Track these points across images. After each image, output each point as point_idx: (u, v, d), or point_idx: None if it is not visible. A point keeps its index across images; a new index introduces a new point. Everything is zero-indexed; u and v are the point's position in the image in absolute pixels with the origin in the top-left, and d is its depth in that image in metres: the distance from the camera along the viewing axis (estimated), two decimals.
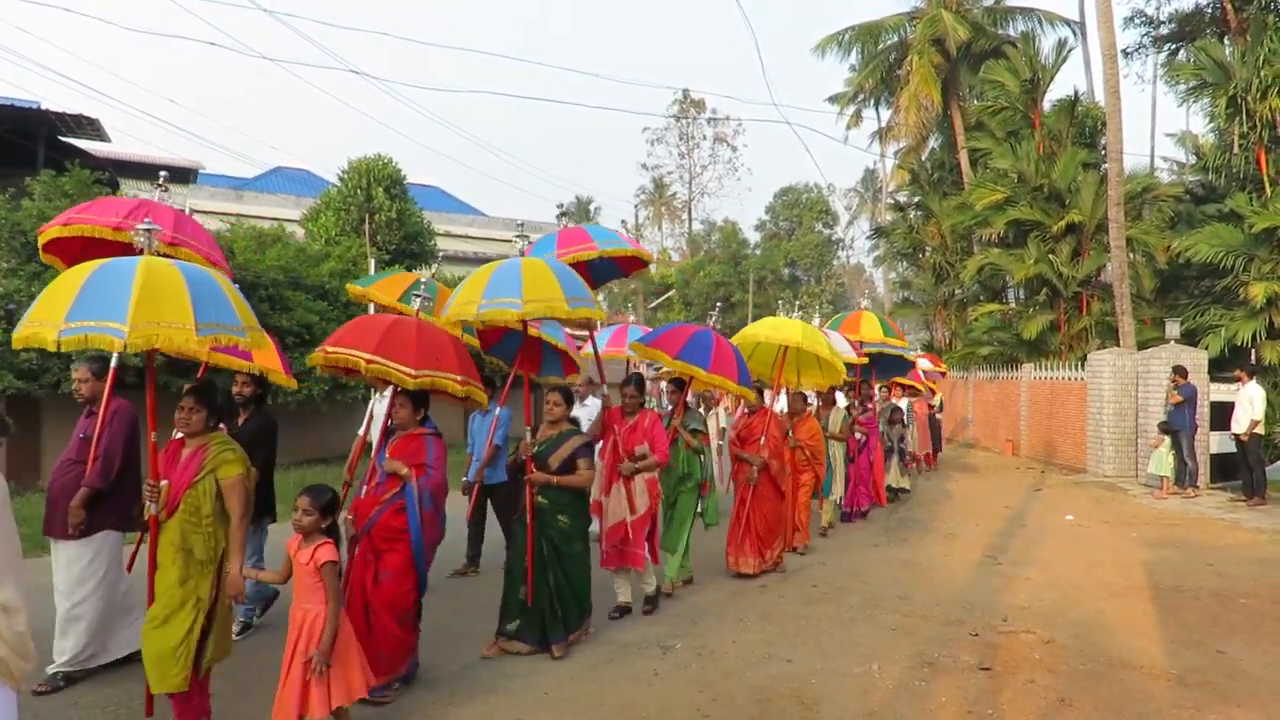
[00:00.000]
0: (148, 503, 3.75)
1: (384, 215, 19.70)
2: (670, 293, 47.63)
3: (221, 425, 4.19)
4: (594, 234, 6.03)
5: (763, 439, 7.27)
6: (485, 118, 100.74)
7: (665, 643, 5.41)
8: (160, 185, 5.15)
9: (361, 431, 6.67)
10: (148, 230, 3.65)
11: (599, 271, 6.58)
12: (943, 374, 19.58)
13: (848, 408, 10.07)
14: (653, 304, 46.71)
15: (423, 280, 5.76)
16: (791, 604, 6.40)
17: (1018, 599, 6.62)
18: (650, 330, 7.88)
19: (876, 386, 11.71)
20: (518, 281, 4.76)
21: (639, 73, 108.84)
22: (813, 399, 9.88)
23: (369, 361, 4.36)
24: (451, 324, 5.23)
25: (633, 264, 6.63)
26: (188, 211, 24.90)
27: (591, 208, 59.84)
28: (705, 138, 57.30)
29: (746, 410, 7.62)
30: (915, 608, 6.34)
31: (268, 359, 5.34)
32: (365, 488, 4.71)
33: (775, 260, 50.56)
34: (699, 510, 6.85)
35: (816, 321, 9.91)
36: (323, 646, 3.54)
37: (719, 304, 18.08)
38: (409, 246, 20.19)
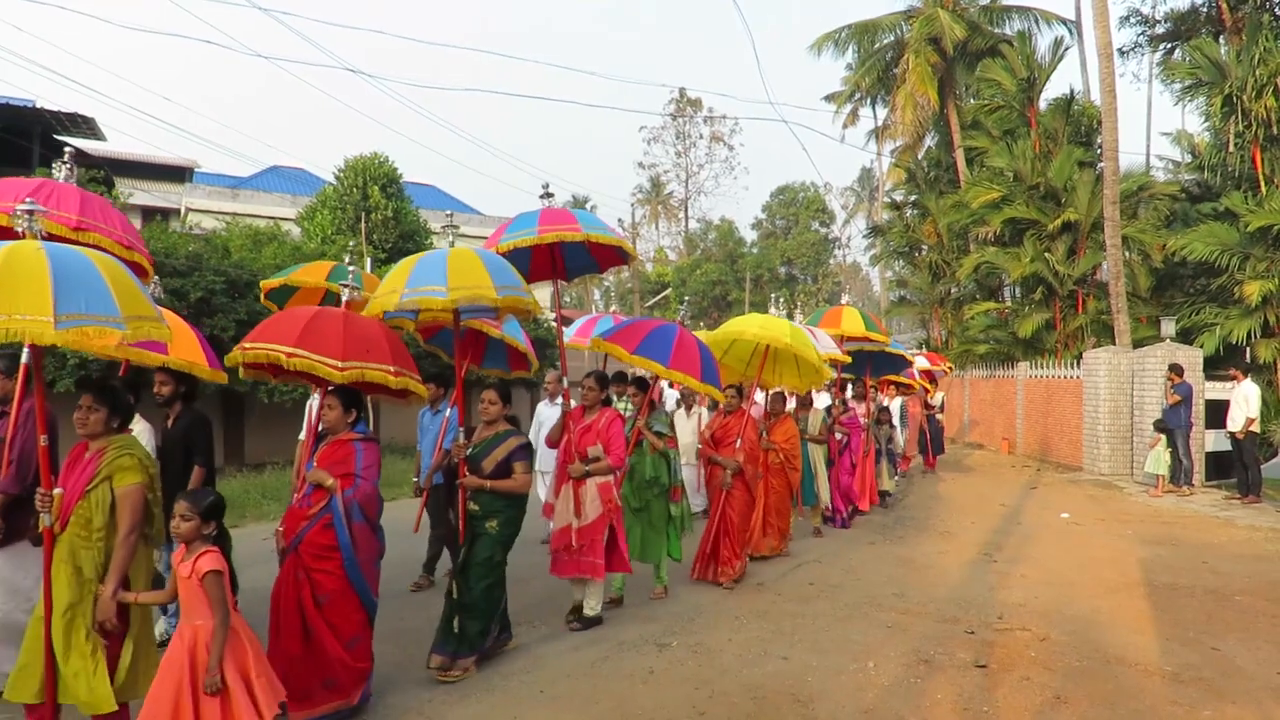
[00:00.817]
0: (41, 513, 3.43)
1: (380, 214, 19.69)
2: (667, 291, 47.66)
3: (128, 428, 3.86)
4: (580, 218, 5.59)
5: (738, 441, 6.97)
6: (482, 117, 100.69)
7: (661, 640, 5.41)
8: (65, 164, 4.58)
9: (303, 436, 6.26)
10: (28, 211, 3.25)
11: (572, 263, 6.32)
12: (945, 371, 18.64)
13: (828, 408, 9.71)
14: (649, 303, 46.72)
15: (350, 269, 5.45)
16: (788, 602, 6.41)
17: (1013, 596, 6.63)
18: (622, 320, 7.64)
19: (870, 385, 11.27)
20: (443, 269, 4.54)
21: (636, 72, 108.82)
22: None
23: (290, 355, 3.98)
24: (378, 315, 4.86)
25: (609, 258, 6.26)
26: (183, 211, 24.75)
27: (588, 206, 59.84)
28: (702, 136, 57.42)
29: (723, 411, 7.28)
30: (911, 605, 6.35)
31: (188, 351, 4.83)
32: (295, 497, 4.36)
33: (772, 259, 50.62)
34: (672, 516, 6.53)
35: (799, 319, 9.79)
36: (210, 664, 3.20)
37: (687, 300, 17.82)
38: (405, 245, 20.17)
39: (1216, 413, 13.04)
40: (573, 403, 6.00)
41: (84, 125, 17.52)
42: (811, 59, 49.26)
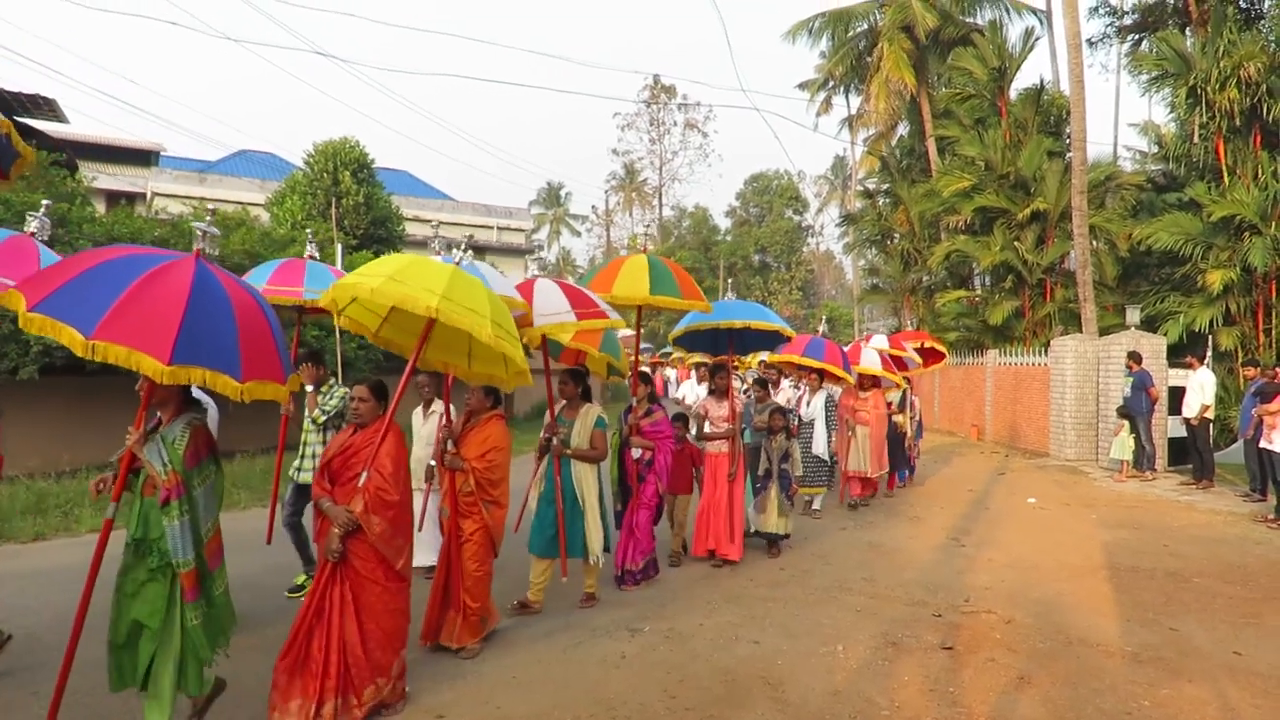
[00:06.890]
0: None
1: (351, 199, 19.48)
2: None
3: None
4: None
5: (365, 474, 3.95)
6: (454, 102, 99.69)
7: (634, 625, 5.44)
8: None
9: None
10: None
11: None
12: (918, 362, 12.24)
13: (628, 409, 6.66)
14: None
15: None
16: (759, 586, 6.47)
17: (980, 580, 6.75)
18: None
19: (747, 371, 7.75)
20: None
21: (610, 58, 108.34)
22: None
23: None
24: None
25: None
26: (149, 196, 24.28)
27: (563, 193, 59.63)
28: (676, 123, 57.37)
29: (352, 424, 4.27)
30: (880, 589, 6.44)
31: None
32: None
33: (746, 246, 50.77)
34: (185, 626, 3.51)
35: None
36: None
37: (327, 243, 11.40)
38: (377, 231, 19.97)
39: (1179, 400, 13.31)
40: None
41: (45, 107, 17.10)
42: (785, 47, 49.30)
